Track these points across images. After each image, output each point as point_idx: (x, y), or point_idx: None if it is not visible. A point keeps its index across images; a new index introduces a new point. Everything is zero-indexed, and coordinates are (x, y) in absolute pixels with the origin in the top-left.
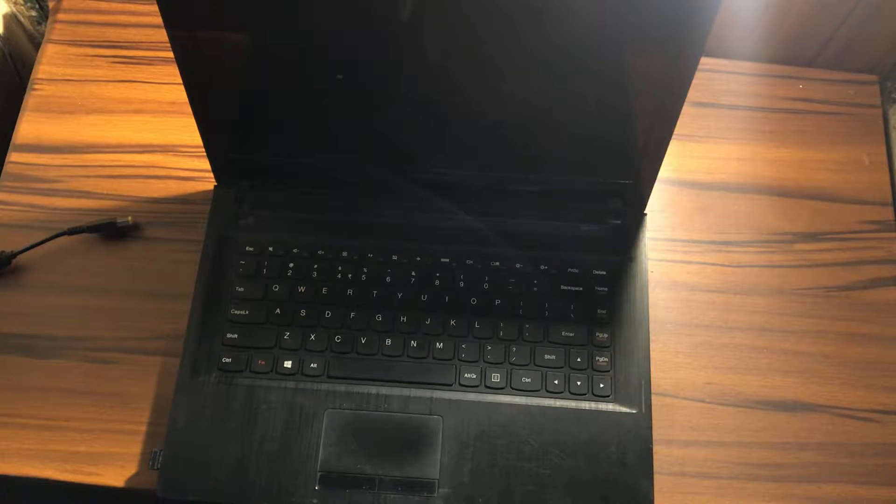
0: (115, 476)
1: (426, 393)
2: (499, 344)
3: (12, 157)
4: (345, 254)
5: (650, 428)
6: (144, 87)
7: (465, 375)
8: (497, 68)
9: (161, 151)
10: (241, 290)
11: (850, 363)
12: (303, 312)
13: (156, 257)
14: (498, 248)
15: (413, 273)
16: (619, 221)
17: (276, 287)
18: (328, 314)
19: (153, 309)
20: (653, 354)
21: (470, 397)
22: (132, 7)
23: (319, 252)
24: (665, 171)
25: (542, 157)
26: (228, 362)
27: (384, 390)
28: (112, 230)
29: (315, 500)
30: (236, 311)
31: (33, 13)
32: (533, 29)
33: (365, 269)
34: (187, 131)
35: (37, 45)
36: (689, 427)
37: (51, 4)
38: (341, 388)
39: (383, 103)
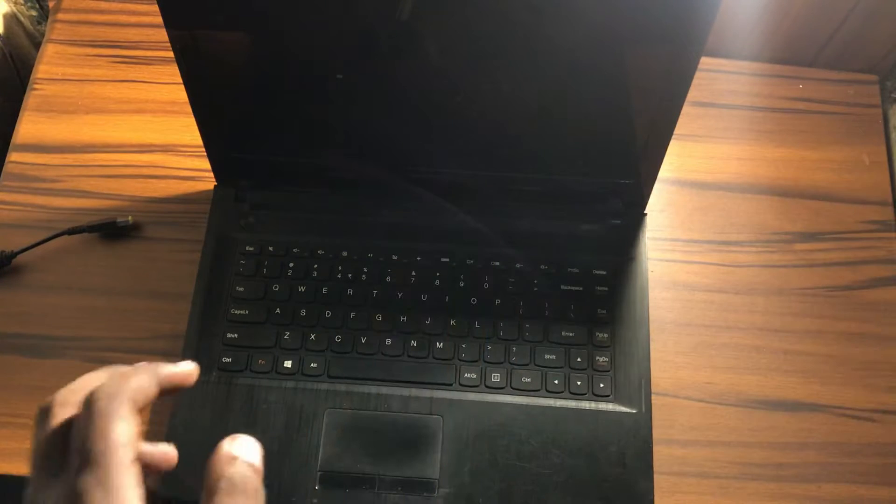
0: None
1: (426, 393)
2: (499, 344)
3: (12, 156)
4: (345, 254)
5: (650, 428)
6: (144, 87)
7: (465, 375)
8: (497, 68)
9: (161, 151)
10: (241, 289)
11: (850, 363)
12: (303, 312)
13: (156, 257)
14: (498, 247)
15: (413, 273)
16: (619, 221)
17: (276, 287)
18: (328, 314)
19: (153, 309)
20: (653, 354)
21: (470, 397)
22: (132, 7)
23: (319, 252)
24: (665, 171)
25: (542, 157)
26: (228, 362)
27: (384, 390)
28: (112, 230)
29: (315, 500)
30: (236, 311)
31: (33, 13)
32: (533, 29)
33: (365, 269)
34: (187, 131)
35: (37, 45)
36: (689, 427)
37: (51, 4)
38: (341, 387)
39: (383, 103)
